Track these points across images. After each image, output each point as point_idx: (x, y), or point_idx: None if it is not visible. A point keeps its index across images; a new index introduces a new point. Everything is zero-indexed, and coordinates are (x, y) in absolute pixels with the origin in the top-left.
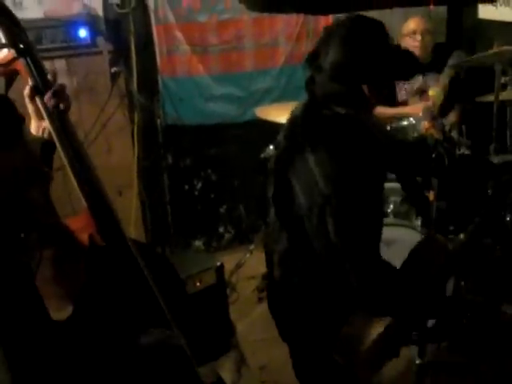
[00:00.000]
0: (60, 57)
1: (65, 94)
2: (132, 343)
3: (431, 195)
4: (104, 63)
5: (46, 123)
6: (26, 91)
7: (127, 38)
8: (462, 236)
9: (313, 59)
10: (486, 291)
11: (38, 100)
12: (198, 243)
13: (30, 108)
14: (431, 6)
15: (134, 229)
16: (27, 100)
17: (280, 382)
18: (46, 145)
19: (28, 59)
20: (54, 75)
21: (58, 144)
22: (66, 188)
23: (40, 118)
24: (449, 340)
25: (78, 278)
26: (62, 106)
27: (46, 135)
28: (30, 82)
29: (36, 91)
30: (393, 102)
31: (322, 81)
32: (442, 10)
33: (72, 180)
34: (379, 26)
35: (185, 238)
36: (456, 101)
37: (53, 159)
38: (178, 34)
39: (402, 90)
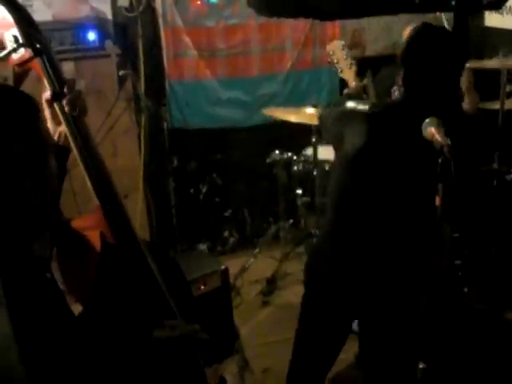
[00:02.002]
0: (68, 59)
1: (80, 100)
2: (143, 341)
3: (437, 200)
4: (112, 66)
5: (63, 127)
6: (46, 96)
7: (135, 41)
8: None
9: None
10: (489, 298)
11: (56, 105)
12: (203, 247)
13: (47, 112)
14: (437, 13)
15: (139, 231)
16: (45, 105)
17: None
18: (61, 150)
19: (44, 59)
20: (73, 82)
21: (74, 148)
22: (72, 190)
23: (57, 122)
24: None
25: (88, 277)
26: (75, 112)
27: (61, 140)
28: (46, 83)
29: (55, 97)
30: None
31: None
32: (448, 18)
33: (82, 185)
34: None
35: (189, 241)
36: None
37: (66, 165)
38: (186, 39)
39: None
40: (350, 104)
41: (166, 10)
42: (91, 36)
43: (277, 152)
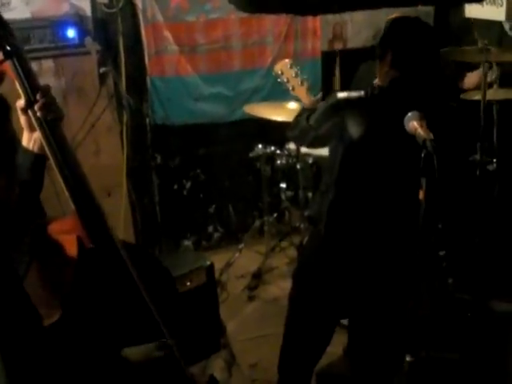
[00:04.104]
0: (48, 57)
1: (54, 107)
2: (119, 350)
3: (420, 194)
4: (92, 63)
5: (38, 134)
6: (20, 104)
7: (115, 38)
8: None
9: None
10: (474, 288)
11: (30, 111)
12: (188, 243)
13: (22, 119)
14: (418, 6)
15: (123, 229)
16: (20, 112)
17: (270, 380)
18: (38, 158)
19: (15, 61)
20: (48, 88)
21: (48, 153)
22: (54, 189)
23: (32, 129)
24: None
25: (66, 283)
26: (49, 117)
27: (36, 147)
28: (18, 86)
29: (29, 104)
30: None
31: None
32: (430, 9)
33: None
34: None
35: (174, 237)
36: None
37: (44, 172)
38: (167, 34)
39: None
40: (342, 94)
41: (146, 6)
42: (71, 33)
43: (260, 146)
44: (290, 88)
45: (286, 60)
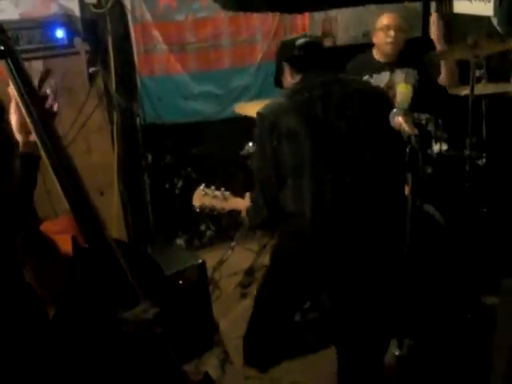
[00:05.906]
0: (37, 58)
1: (47, 105)
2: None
3: (406, 190)
4: (82, 63)
5: (32, 137)
6: (13, 103)
7: (104, 37)
8: None
9: None
10: (466, 283)
11: (22, 107)
12: (180, 241)
13: (14, 121)
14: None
15: (115, 228)
16: (12, 113)
17: (264, 377)
18: (30, 158)
19: (9, 61)
20: (54, 91)
21: (42, 151)
22: (45, 188)
23: (24, 131)
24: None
25: (60, 282)
26: (43, 115)
27: (30, 149)
28: (12, 86)
29: (23, 103)
30: None
31: None
32: (417, 6)
33: (55, 183)
34: None
35: (166, 236)
36: None
37: (37, 172)
38: (156, 33)
39: None
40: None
41: (134, 5)
42: (60, 34)
43: (250, 144)
44: (219, 210)
45: (197, 192)
